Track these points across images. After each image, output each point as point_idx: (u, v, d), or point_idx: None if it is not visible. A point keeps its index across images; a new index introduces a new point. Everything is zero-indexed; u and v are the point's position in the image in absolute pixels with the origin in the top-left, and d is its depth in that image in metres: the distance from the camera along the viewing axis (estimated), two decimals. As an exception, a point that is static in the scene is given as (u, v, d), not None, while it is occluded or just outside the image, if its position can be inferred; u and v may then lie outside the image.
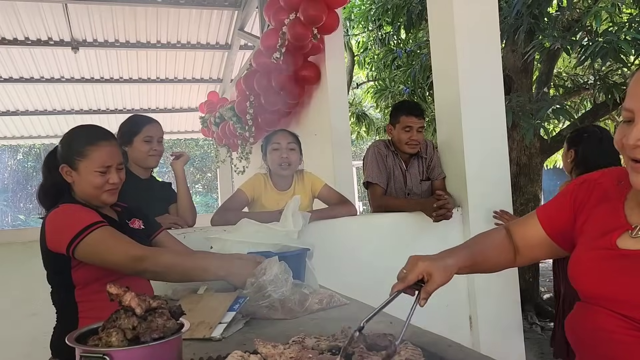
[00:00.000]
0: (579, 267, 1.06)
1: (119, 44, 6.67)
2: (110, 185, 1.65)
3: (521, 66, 5.61)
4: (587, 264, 1.04)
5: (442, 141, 2.85)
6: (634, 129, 0.92)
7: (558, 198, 1.20)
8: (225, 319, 1.43)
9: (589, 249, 1.06)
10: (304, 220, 2.11)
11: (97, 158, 1.62)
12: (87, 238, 1.49)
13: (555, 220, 1.17)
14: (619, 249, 0.99)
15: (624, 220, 1.02)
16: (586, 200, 1.12)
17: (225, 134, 6.05)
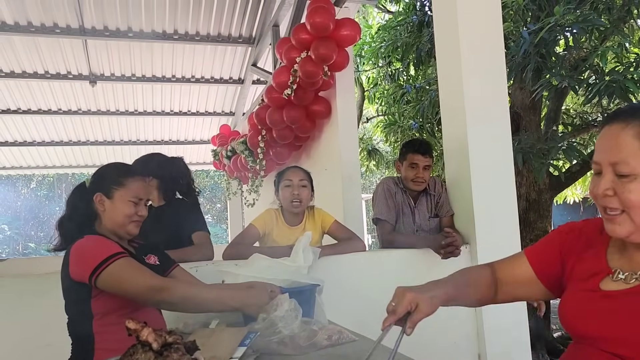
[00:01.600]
0: (567, 309, 1.14)
1: (135, 78, 6.86)
2: (138, 217, 1.75)
3: (529, 104, 5.68)
4: (575, 305, 1.12)
5: (450, 178, 2.89)
6: (602, 180, 1.03)
7: (547, 242, 1.28)
8: (237, 354, 1.45)
9: (576, 292, 1.14)
10: (314, 256, 2.13)
11: (133, 188, 1.75)
12: (110, 267, 1.56)
13: (545, 263, 1.25)
14: (602, 291, 1.08)
15: (606, 265, 1.11)
16: (573, 248, 1.20)
17: (237, 166, 6.13)
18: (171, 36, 6.12)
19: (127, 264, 1.60)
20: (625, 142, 1.00)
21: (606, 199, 1.03)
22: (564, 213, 13.66)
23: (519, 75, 5.39)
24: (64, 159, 9.17)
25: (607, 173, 1.03)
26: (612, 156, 1.01)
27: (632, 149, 0.99)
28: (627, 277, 1.05)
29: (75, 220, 1.74)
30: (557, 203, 11.48)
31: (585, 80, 4.83)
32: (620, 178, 1.01)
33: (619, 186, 1.01)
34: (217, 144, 7.28)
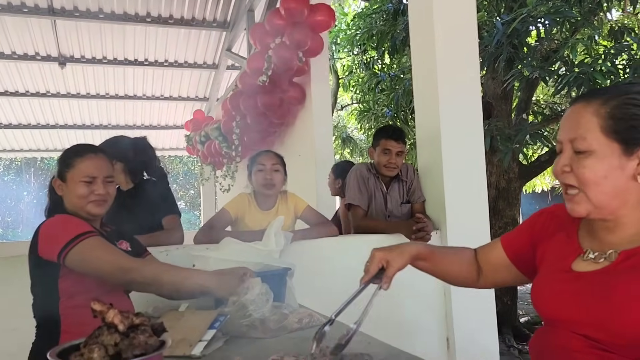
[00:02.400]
0: (540, 291, 1.14)
1: (106, 60, 6.71)
2: (95, 196, 1.68)
3: (501, 93, 5.76)
4: (547, 288, 1.12)
5: (422, 165, 2.92)
6: (561, 157, 1.05)
7: (520, 228, 1.30)
8: (206, 336, 1.45)
9: (548, 274, 1.14)
10: (286, 240, 2.14)
11: (83, 168, 1.68)
12: (79, 246, 1.53)
13: (517, 247, 1.27)
14: (573, 272, 1.08)
15: (577, 245, 1.11)
16: (544, 231, 1.21)
17: (211, 152, 6.08)
18: (144, 19, 5.98)
19: (96, 242, 1.57)
20: (584, 119, 1.01)
21: (564, 175, 1.04)
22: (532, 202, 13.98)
23: (492, 65, 5.46)
24: (32, 143, 8.93)
25: (567, 150, 1.04)
26: (571, 133, 1.03)
27: (590, 125, 1.00)
28: (597, 257, 1.05)
29: (50, 207, 1.76)
30: (525, 192, 11.73)
31: (556, 71, 4.92)
32: (578, 155, 1.01)
33: (576, 162, 1.02)
34: (190, 129, 7.19)
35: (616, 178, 0.99)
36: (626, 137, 0.98)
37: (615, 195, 1.00)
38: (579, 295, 1.03)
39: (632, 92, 1.01)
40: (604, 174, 0.99)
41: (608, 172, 0.99)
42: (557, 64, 5.03)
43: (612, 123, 0.99)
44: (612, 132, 0.99)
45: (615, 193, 1.00)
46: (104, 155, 1.78)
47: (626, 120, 0.98)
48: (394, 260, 1.25)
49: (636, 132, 0.98)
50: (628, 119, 0.98)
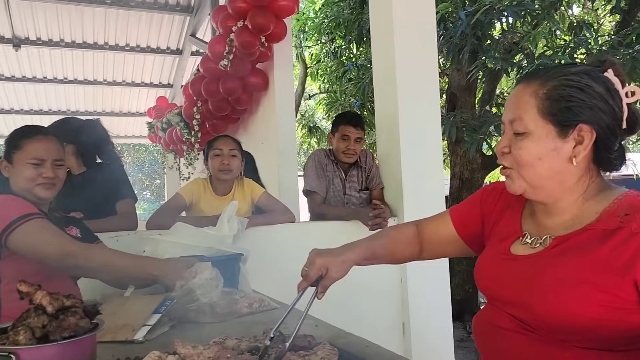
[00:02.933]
0: (480, 270, 1.16)
1: (64, 43, 6.48)
2: (43, 179, 1.64)
3: (465, 85, 5.83)
4: (487, 267, 1.14)
5: (381, 152, 2.92)
6: (502, 138, 1.05)
7: (469, 201, 1.29)
8: (150, 321, 1.41)
9: (490, 254, 1.15)
10: (240, 226, 2.11)
11: (30, 150, 1.64)
12: (22, 227, 1.49)
13: (466, 222, 1.26)
14: (510, 254, 1.08)
15: (519, 227, 1.11)
16: (493, 208, 1.21)
17: (172, 139, 5.96)
18: (103, 0, 5.79)
19: (41, 225, 1.53)
20: (523, 100, 1.01)
21: (503, 156, 1.04)
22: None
23: (456, 56, 5.51)
24: (-14, 128, 8.59)
25: (507, 131, 1.04)
26: (511, 114, 1.03)
27: (527, 106, 0.99)
28: (533, 242, 1.05)
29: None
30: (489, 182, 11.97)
31: (518, 63, 5.01)
32: (516, 136, 1.01)
33: (514, 143, 1.02)
34: (153, 116, 7.04)
35: (551, 160, 0.99)
36: (561, 118, 0.97)
37: (551, 177, 1.00)
38: (512, 277, 1.04)
39: (571, 73, 0.99)
40: (539, 156, 0.99)
41: (543, 154, 0.99)
42: (519, 56, 5.12)
43: (549, 104, 0.98)
44: (548, 113, 0.98)
45: (550, 175, 1.00)
46: (54, 137, 1.73)
47: (562, 102, 0.97)
48: (334, 270, 1.19)
49: (571, 113, 0.97)
50: (564, 100, 0.97)
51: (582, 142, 0.97)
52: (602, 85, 0.97)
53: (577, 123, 0.96)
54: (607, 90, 0.97)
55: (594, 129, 0.96)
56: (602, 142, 0.98)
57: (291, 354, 1.09)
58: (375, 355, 1.13)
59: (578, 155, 0.98)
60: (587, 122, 0.96)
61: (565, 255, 0.97)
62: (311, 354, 1.07)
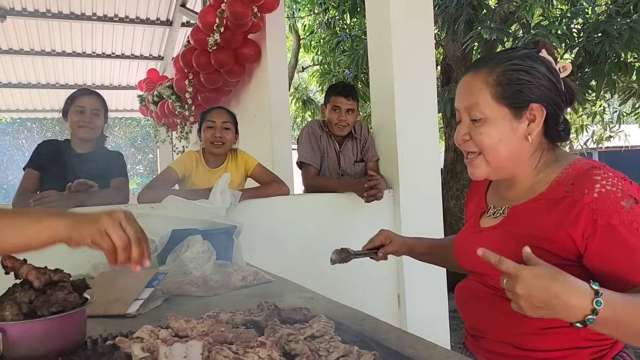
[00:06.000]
0: (456, 246, 1.28)
1: (50, 14, 6.30)
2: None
3: (461, 55, 5.76)
4: (460, 242, 1.26)
5: (376, 123, 2.88)
6: (460, 126, 1.12)
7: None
8: (143, 295, 1.40)
9: (464, 230, 1.28)
10: (233, 198, 2.08)
11: None
12: None
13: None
14: (479, 227, 1.20)
15: (484, 203, 1.23)
16: (469, 199, 1.34)
17: (164, 112, 5.88)
18: (90, -31, 5.63)
19: None
20: (476, 88, 1.08)
21: (465, 144, 1.11)
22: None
23: (452, 26, 5.43)
24: (-26, 102, 8.43)
25: (464, 119, 1.11)
26: (466, 102, 1.09)
27: (481, 93, 1.07)
28: (495, 212, 1.15)
29: None
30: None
31: (513, 33, 4.93)
32: (474, 123, 1.08)
33: (473, 130, 1.08)
34: (144, 89, 6.93)
35: (510, 140, 1.07)
36: (514, 101, 1.05)
37: (511, 156, 1.08)
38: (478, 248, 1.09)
39: (515, 57, 1.07)
40: (499, 138, 1.07)
41: (502, 136, 1.07)
42: (515, 26, 5.04)
43: (500, 89, 1.05)
44: (501, 97, 1.05)
45: (510, 154, 1.08)
46: None
47: (512, 85, 1.05)
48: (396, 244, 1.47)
49: (522, 95, 1.05)
50: (513, 84, 1.05)
51: (534, 120, 1.06)
52: (542, 65, 1.06)
53: (528, 103, 1.05)
54: (548, 69, 1.07)
55: (543, 107, 1.05)
56: (551, 117, 1.07)
57: (287, 327, 1.07)
58: (371, 327, 1.12)
59: (532, 132, 1.06)
60: (536, 101, 1.05)
61: (519, 222, 1.07)
62: (306, 327, 1.05)
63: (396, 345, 0.99)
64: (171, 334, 1.01)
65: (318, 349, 0.92)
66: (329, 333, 1.02)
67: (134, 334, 0.99)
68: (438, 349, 0.96)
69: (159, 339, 0.96)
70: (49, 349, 0.90)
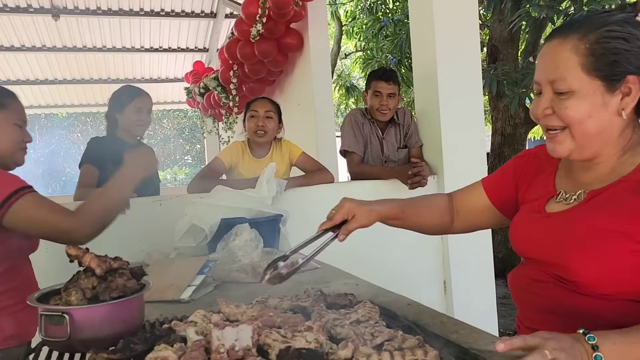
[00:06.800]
0: (515, 231, 1.15)
1: (100, 11, 6.52)
2: (24, 144, 1.54)
3: (507, 36, 5.59)
4: (522, 227, 1.13)
5: (420, 109, 2.86)
6: (541, 99, 0.99)
7: (502, 169, 1.27)
8: (195, 281, 1.46)
9: (524, 215, 1.15)
10: (279, 187, 2.13)
11: (17, 110, 1.51)
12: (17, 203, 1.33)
13: (499, 190, 1.25)
14: (545, 212, 1.08)
15: (552, 187, 1.10)
16: (526, 172, 1.20)
17: (211, 104, 6.00)
18: (137, -34, 5.78)
19: (33, 200, 1.35)
20: (562, 57, 0.96)
21: (546, 118, 1.00)
22: (541, 149, 13.83)
23: (498, 6, 5.26)
24: (32, 99, 8.83)
25: (546, 92, 0.99)
26: (550, 73, 0.97)
27: (569, 64, 0.95)
28: (568, 198, 1.05)
29: None
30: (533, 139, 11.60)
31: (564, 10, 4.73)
32: (559, 96, 0.97)
33: (557, 104, 0.97)
34: (190, 81, 7.08)
35: (601, 116, 0.95)
36: (608, 73, 0.93)
37: (600, 133, 0.97)
38: (546, 235, 1.04)
39: (611, 22, 0.94)
40: (589, 113, 0.95)
41: (592, 110, 0.95)
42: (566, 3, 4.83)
43: (593, 60, 0.94)
44: (594, 69, 0.94)
45: (599, 131, 0.97)
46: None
47: (607, 56, 0.93)
48: (360, 216, 1.19)
49: (618, 66, 0.93)
50: (609, 53, 0.93)
51: (629, 93, 0.94)
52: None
53: (625, 75, 0.93)
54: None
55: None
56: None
57: (332, 312, 1.10)
58: (416, 312, 1.14)
59: (627, 107, 0.95)
60: (634, 73, 0.93)
61: (598, 208, 0.97)
62: (352, 312, 1.08)
63: (440, 330, 1.00)
64: (222, 319, 1.06)
65: (363, 333, 0.95)
66: (374, 318, 1.04)
67: (188, 318, 1.04)
68: (483, 334, 0.96)
69: (212, 323, 1.01)
70: (111, 331, 0.96)
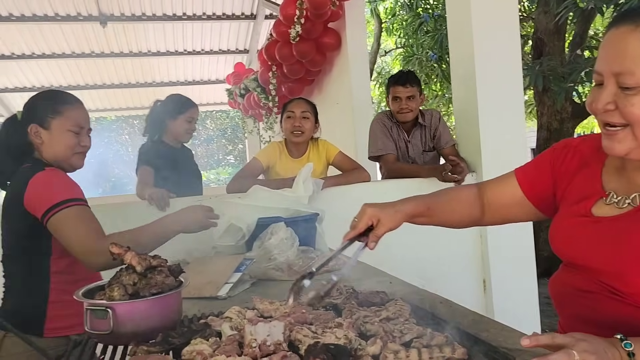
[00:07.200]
0: (557, 233, 1.06)
1: (145, 17, 6.74)
2: (81, 148, 1.61)
3: (553, 28, 5.41)
4: (565, 230, 1.04)
5: (458, 106, 2.83)
6: (603, 92, 0.88)
7: (538, 161, 1.17)
8: (232, 279, 1.50)
9: (567, 216, 1.05)
10: (315, 187, 2.15)
11: (73, 117, 1.58)
12: (61, 213, 1.41)
13: (535, 184, 1.15)
14: (593, 216, 0.98)
15: (600, 187, 1.00)
16: (566, 167, 1.09)
17: (251, 104, 6.11)
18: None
19: (77, 214, 1.43)
20: (632, 47, 0.83)
21: (607, 114, 0.89)
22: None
23: (544, -3, 5.12)
24: (83, 103, 9.23)
25: (609, 85, 0.87)
26: (616, 65, 0.85)
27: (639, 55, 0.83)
28: (620, 201, 0.94)
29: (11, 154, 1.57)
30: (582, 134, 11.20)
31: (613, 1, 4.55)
32: (624, 90, 0.85)
33: (622, 99, 0.86)
34: (231, 82, 7.23)
35: None
36: None
37: None
38: (596, 241, 0.95)
39: None
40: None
41: None
42: (616, -8, 4.65)
43: None
44: None
45: None
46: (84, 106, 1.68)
47: None
48: (386, 220, 1.11)
49: None
50: None
51: None
52: None
53: None
54: None
55: None
56: None
57: (364, 309, 1.11)
58: (447, 311, 1.13)
59: None
60: None
61: None
62: (382, 309, 1.09)
63: (471, 328, 0.99)
64: (257, 315, 1.09)
65: (392, 330, 0.96)
66: (404, 315, 1.05)
67: (224, 314, 1.09)
68: (514, 332, 0.95)
69: (246, 319, 1.04)
70: (151, 325, 1.01)
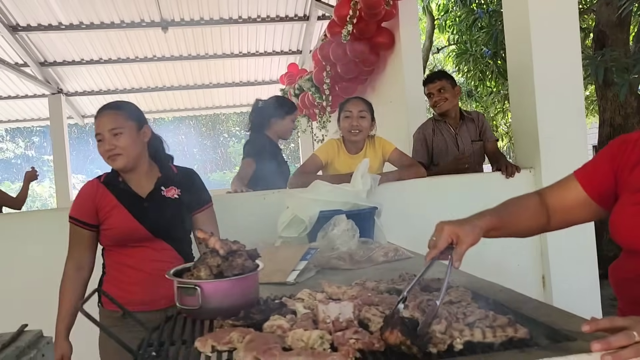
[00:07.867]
0: (619, 221, 1.08)
1: (203, 21, 7.00)
2: (107, 152, 1.74)
3: (616, 20, 5.24)
4: (627, 218, 1.05)
5: (514, 100, 2.82)
6: None
7: (597, 159, 1.20)
8: (299, 267, 1.61)
9: (628, 204, 1.06)
10: (373, 182, 2.23)
11: (95, 126, 1.76)
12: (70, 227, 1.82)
13: (596, 181, 1.17)
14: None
15: None
16: (627, 160, 1.11)
17: (305, 104, 6.23)
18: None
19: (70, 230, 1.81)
20: None
21: None
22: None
23: (605, -11, 4.97)
24: (144, 105, 9.66)
25: None
26: None
27: None
28: None
29: None
30: (648, 129, 10.66)
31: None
32: None
33: None
34: (285, 83, 7.38)
35: None
36: None
37: None
38: None
39: None
40: None
41: None
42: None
43: None
44: None
45: None
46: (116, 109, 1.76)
47: None
48: (465, 236, 1.08)
49: None
50: None
51: None
52: None
53: None
54: None
55: None
56: None
57: (426, 294, 1.18)
58: (508, 298, 1.18)
59: None
60: None
61: None
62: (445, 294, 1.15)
63: (532, 313, 1.04)
64: (326, 297, 1.19)
65: (456, 312, 1.02)
66: (466, 300, 1.11)
67: (297, 295, 1.19)
68: (575, 318, 0.98)
69: (317, 300, 1.14)
70: (232, 303, 1.12)
